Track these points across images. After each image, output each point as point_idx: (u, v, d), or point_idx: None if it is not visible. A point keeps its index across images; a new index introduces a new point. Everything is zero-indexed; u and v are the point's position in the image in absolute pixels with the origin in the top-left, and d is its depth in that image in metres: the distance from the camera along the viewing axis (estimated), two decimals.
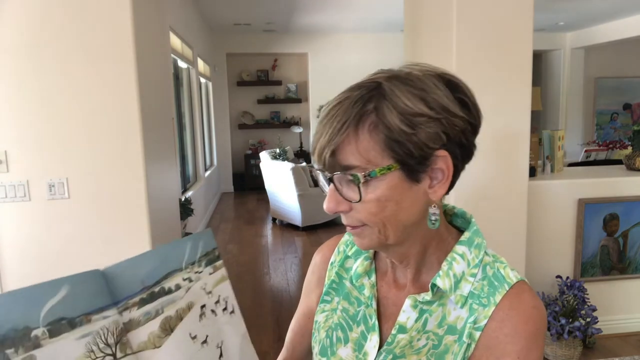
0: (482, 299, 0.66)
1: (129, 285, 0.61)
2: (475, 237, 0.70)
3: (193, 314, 0.66)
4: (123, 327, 0.60)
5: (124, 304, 0.61)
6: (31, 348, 0.51)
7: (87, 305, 0.57)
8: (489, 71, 2.52)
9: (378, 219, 0.63)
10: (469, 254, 0.68)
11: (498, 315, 0.64)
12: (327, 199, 0.64)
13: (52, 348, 0.53)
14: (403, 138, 0.60)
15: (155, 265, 0.64)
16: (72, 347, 0.54)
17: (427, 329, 0.68)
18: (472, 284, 0.67)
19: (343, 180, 0.62)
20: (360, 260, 0.76)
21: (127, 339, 0.59)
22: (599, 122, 8.55)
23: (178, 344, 0.63)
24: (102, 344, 0.57)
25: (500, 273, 0.67)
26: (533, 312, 0.64)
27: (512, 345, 0.62)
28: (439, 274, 0.67)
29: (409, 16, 3.14)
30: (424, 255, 0.70)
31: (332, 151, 0.61)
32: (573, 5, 6.08)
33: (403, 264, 0.71)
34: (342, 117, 0.60)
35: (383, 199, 0.62)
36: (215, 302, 0.69)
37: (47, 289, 0.54)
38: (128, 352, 0.59)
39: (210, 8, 6.15)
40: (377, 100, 0.60)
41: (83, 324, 0.56)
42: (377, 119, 0.60)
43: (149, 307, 0.62)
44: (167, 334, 0.63)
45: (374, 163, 0.60)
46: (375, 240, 0.66)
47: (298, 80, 8.85)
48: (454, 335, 0.66)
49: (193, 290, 0.67)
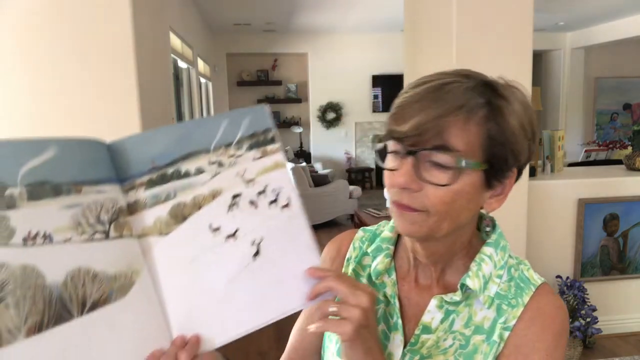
0: (510, 300, 0.67)
1: (137, 163, 0.55)
2: (500, 239, 0.72)
3: (219, 203, 0.58)
4: (123, 207, 0.54)
5: (129, 182, 0.55)
6: (4, 207, 0.46)
7: (78, 173, 0.51)
8: (489, 71, 2.50)
9: (444, 210, 0.62)
10: (495, 255, 0.70)
11: (527, 315, 0.66)
12: (399, 172, 0.61)
13: (29, 212, 0.47)
14: (508, 143, 0.62)
15: (170, 143, 0.57)
16: (54, 215, 0.49)
17: (454, 329, 0.68)
18: (498, 285, 0.68)
19: (430, 160, 0.61)
20: (381, 258, 0.74)
21: (127, 220, 0.54)
22: (599, 122, 8.55)
23: (191, 233, 0.57)
24: (92, 219, 0.51)
25: (525, 275, 0.70)
26: (559, 312, 0.67)
27: (540, 343, 0.65)
28: (468, 275, 0.67)
29: (409, 16, 3.14)
30: (452, 256, 0.71)
31: (439, 129, 0.59)
32: (573, 5, 6.08)
33: (430, 262, 0.70)
34: (457, 100, 0.60)
35: (461, 192, 0.62)
36: (258, 192, 0.60)
37: (30, 147, 0.48)
38: (125, 234, 0.53)
39: (210, 8, 6.14)
40: (494, 98, 0.62)
41: (71, 192, 0.50)
42: (490, 115, 0.61)
43: (158, 190, 0.56)
44: (178, 222, 0.56)
45: (471, 155, 0.61)
46: (425, 230, 0.64)
47: (298, 80, 8.85)
48: (481, 335, 0.67)
49: (223, 177, 0.58)
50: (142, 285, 0.53)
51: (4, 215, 0.46)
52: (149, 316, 0.54)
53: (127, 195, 0.55)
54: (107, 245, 0.51)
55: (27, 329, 0.46)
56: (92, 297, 0.50)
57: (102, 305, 0.50)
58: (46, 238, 0.48)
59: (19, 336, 0.45)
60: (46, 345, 0.47)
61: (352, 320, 0.57)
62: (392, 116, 0.63)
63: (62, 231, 0.49)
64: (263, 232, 0.59)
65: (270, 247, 0.59)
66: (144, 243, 0.55)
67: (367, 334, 0.59)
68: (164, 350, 0.54)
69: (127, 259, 0.53)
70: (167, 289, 0.55)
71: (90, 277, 0.50)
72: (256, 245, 0.59)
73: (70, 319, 0.48)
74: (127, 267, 0.52)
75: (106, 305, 0.50)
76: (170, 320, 0.55)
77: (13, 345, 0.44)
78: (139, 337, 0.53)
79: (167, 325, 0.55)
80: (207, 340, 0.56)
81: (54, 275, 0.48)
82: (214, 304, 0.57)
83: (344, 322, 0.57)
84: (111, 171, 0.54)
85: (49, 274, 0.47)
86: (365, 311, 0.57)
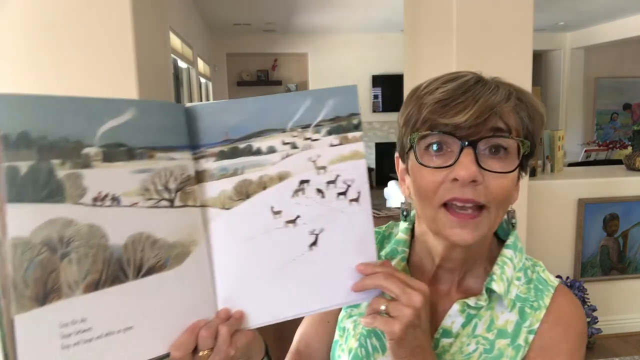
0: (532, 303, 0.67)
1: (210, 132, 0.54)
2: (517, 241, 0.71)
3: (284, 186, 0.57)
4: (191, 176, 0.54)
5: (200, 151, 0.54)
6: (80, 166, 0.47)
7: (152, 138, 0.51)
8: (489, 71, 2.49)
9: (502, 201, 0.61)
10: (515, 257, 0.69)
11: (550, 317, 0.66)
12: (468, 164, 0.58)
13: (102, 173, 0.48)
14: (535, 128, 0.63)
15: (246, 116, 0.55)
16: (125, 179, 0.49)
17: (476, 333, 0.67)
18: (518, 288, 0.68)
19: (490, 147, 0.60)
20: (397, 261, 0.72)
21: (194, 189, 0.54)
22: (599, 122, 8.55)
23: (251, 212, 0.56)
24: (160, 186, 0.51)
25: (541, 277, 0.70)
26: (579, 312, 0.68)
27: (565, 344, 0.65)
28: (493, 279, 0.66)
29: (409, 16, 3.14)
30: (476, 258, 0.69)
31: (499, 115, 0.59)
32: (573, 5, 6.07)
33: (457, 267, 0.68)
34: (503, 90, 0.61)
35: (514, 179, 0.63)
36: (328, 181, 0.58)
37: (111, 107, 0.48)
38: (189, 204, 0.53)
39: (210, 8, 6.14)
40: (512, 89, 0.63)
41: (144, 157, 0.50)
42: (519, 103, 0.62)
43: (227, 163, 0.55)
44: (242, 198, 0.56)
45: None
46: (486, 231, 0.62)
47: (298, 80, 8.84)
48: (506, 339, 0.66)
49: (294, 160, 0.57)
50: (197, 256, 0.54)
51: (78, 173, 0.47)
52: (198, 287, 0.55)
53: (196, 163, 0.55)
54: (171, 213, 0.52)
55: (85, 285, 0.47)
56: (148, 262, 0.51)
57: (157, 271, 0.51)
58: (114, 200, 0.48)
59: (77, 291, 0.47)
60: (99, 304, 0.48)
61: (402, 320, 0.55)
62: (434, 111, 0.59)
63: (129, 195, 0.49)
64: (324, 223, 0.58)
65: (329, 240, 0.58)
66: (205, 213, 0.55)
67: (417, 333, 0.57)
68: (207, 320, 0.55)
69: (188, 229, 0.53)
70: (219, 262, 0.56)
71: (149, 243, 0.51)
72: (314, 236, 0.58)
73: (125, 281, 0.50)
74: (186, 237, 0.53)
75: (161, 272, 0.52)
76: (218, 293, 0.56)
77: (70, 299, 0.47)
78: (186, 305, 0.54)
79: (214, 297, 0.56)
80: (249, 318, 0.57)
81: (117, 237, 0.49)
82: (263, 285, 0.57)
83: (392, 320, 0.56)
84: (185, 138, 0.54)
85: (112, 235, 0.49)
86: (416, 311, 0.56)
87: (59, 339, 0.46)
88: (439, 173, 0.60)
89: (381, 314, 0.57)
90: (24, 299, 0.44)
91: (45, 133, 0.45)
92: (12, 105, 0.44)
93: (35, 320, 0.45)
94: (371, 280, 0.58)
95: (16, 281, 0.44)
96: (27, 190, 0.44)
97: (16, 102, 0.44)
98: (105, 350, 0.49)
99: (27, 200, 0.44)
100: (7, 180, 0.43)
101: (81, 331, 0.47)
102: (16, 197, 0.44)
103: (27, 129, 0.44)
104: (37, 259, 0.45)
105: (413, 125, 0.63)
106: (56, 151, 0.46)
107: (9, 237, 0.44)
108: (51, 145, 0.45)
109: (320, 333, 0.78)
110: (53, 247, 0.46)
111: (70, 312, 0.47)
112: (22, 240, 0.44)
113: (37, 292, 0.45)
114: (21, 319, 0.44)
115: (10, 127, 0.43)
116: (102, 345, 0.49)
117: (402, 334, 0.55)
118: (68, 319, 0.47)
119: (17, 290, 0.44)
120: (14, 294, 0.44)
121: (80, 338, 0.47)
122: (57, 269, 0.46)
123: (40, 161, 0.45)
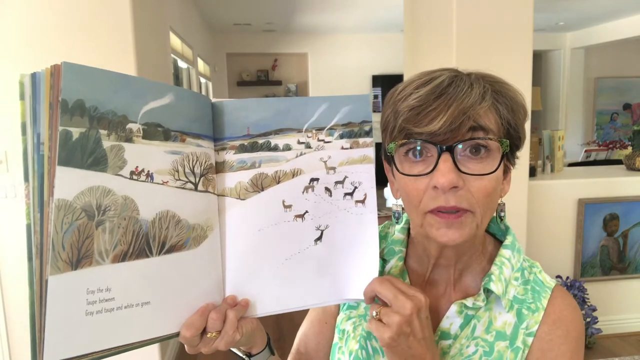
0: (529, 305, 0.66)
1: (233, 126, 0.58)
2: (515, 241, 0.70)
3: (296, 183, 0.60)
4: (213, 165, 0.57)
5: (222, 143, 0.58)
6: (123, 139, 0.49)
7: (185, 123, 0.54)
8: (489, 71, 2.51)
9: (486, 202, 0.59)
10: (512, 258, 0.68)
11: (549, 319, 0.66)
12: (445, 171, 0.56)
13: (141, 149, 0.50)
14: (516, 122, 0.61)
15: (267, 115, 0.59)
16: (159, 157, 0.52)
17: (475, 335, 0.66)
18: (515, 288, 0.67)
19: (470, 148, 0.58)
20: (394, 261, 0.71)
21: (214, 178, 0.57)
22: (599, 122, 8.55)
23: (265, 204, 0.59)
24: (187, 168, 0.54)
25: (538, 278, 0.69)
26: (578, 313, 0.67)
27: (565, 346, 0.65)
28: (491, 279, 0.65)
29: (409, 16, 3.14)
30: (471, 257, 0.68)
31: (473, 119, 0.57)
32: (573, 5, 6.08)
33: (452, 264, 0.68)
34: (477, 89, 0.59)
35: (498, 178, 0.61)
36: (336, 181, 0.61)
37: (154, 89, 0.51)
38: (209, 190, 0.56)
39: (210, 8, 6.14)
40: (489, 84, 0.61)
41: (177, 140, 0.53)
42: (497, 98, 0.60)
43: (246, 156, 0.58)
44: (256, 190, 0.59)
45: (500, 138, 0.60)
46: (474, 231, 0.60)
47: (298, 80, 8.84)
48: (504, 341, 0.65)
49: (307, 158, 0.60)
50: (212, 241, 0.57)
51: (121, 146, 0.49)
52: (211, 271, 0.57)
53: (217, 154, 0.58)
54: (194, 196, 0.55)
55: (113, 255, 0.49)
56: (171, 240, 0.53)
57: (177, 250, 0.54)
58: (148, 176, 0.51)
59: (106, 260, 0.49)
60: (124, 275, 0.50)
61: (391, 326, 0.55)
62: (408, 119, 0.58)
63: (162, 173, 0.52)
64: (329, 220, 0.61)
65: (333, 237, 0.61)
66: (222, 202, 0.58)
67: (411, 342, 0.56)
68: (216, 304, 0.57)
69: (207, 214, 0.56)
70: (231, 250, 0.58)
71: (174, 222, 0.53)
72: (320, 231, 0.61)
73: (149, 256, 0.52)
74: (204, 221, 0.56)
75: (180, 251, 0.54)
76: (227, 279, 0.58)
77: (99, 267, 0.48)
78: (198, 287, 0.56)
79: (223, 283, 0.58)
80: (253, 307, 0.59)
81: (147, 212, 0.51)
82: (269, 275, 0.59)
83: (383, 327, 0.56)
84: (210, 129, 0.57)
85: (143, 210, 0.51)
86: (405, 318, 0.55)
87: (84, 305, 0.48)
88: (420, 180, 0.59)
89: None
90: (59, 261, 0.46)
91: (97, 104, 0.48)
92: (73, 74, 0.46)
93: (66, 283, 0.46)
94: (369, 286, 0.60)
95: (55, 242, 0.45)
96: (75, 155, 0.47)
97: (77, 72, 0.46)
98: (123, 322, 0.50)
99: (74, 165, 0.47)
100: (60, 143, 0.46)
101: (105, 300, 0.49)
102: (65, 161, 0.46)
103: (82, 98, 0.47)
104: (75, 223, 0.47)
105: (391, 132, 0.62)
106: (104, 122, 0.48)
107: (55, 198, 0.45)
108: (101, 116, 0.48)
109: (318, 334, 0.78)
110: (91, 214, 0.48)
111: (98, 280, 0.48)
112: (66, 203, 0.46)
113: (72, 256, 0.47)
114: (54, 281, 0.45)
115: (69, 94, 0.46)
116: (121, 317, 0.50)
117: (391, 341, 0.56)
118: (95, 287, 0.48)
119: (54, 252, 0.45)
120: (52, 254, 0.45)
121: (103, 307, 0.49)
122: (92, 235, 0.48)
123: (90, 129, 0.47)
